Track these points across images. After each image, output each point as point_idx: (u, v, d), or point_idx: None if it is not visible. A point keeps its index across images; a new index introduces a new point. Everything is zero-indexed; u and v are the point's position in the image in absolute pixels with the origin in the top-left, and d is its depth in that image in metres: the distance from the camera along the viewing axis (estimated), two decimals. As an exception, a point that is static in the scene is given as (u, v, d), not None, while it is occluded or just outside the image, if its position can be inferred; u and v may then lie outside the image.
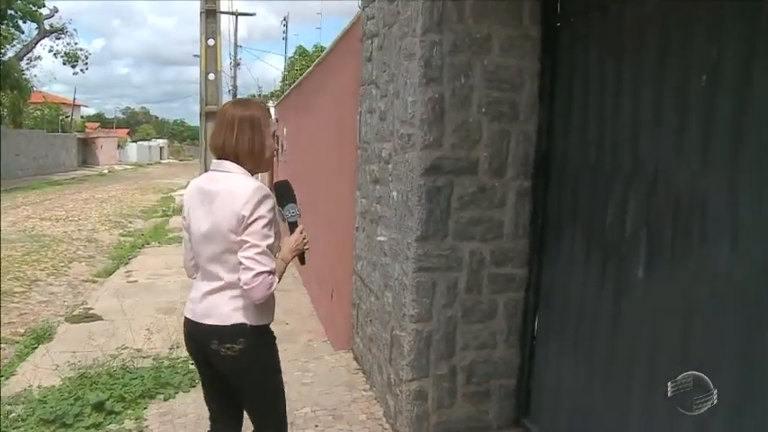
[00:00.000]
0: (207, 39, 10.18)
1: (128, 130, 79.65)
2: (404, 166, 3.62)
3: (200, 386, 4.82)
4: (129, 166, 53.23)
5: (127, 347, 5.62)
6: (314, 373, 4.98)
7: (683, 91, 2.47)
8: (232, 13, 30.26)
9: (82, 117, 65.80)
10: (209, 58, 10.30)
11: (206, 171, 9.16)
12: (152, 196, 26.24)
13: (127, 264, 10.87)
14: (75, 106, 56.22)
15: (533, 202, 3.60)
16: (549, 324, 3.57)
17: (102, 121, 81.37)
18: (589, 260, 3.14)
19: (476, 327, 3.63)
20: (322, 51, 9.63)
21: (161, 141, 79.49)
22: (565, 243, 3.38)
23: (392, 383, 3.87)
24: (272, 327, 2.70)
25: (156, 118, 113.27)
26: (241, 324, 2.50)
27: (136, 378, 4.82)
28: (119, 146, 60.38)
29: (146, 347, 5.67)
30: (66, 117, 51.60)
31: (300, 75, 11.19)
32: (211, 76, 10.36)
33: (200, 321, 2.57)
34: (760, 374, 2.11)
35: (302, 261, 2.81)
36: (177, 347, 5.72)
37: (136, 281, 9.36)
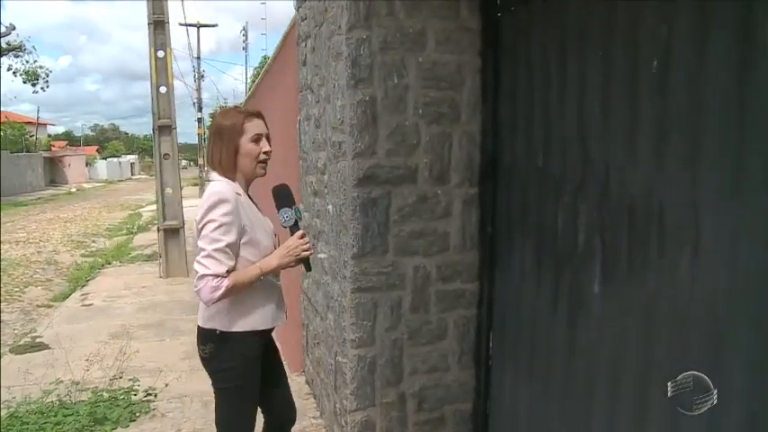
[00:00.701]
0: (156, 50, 9.83)
1: (96, 148, 78.78)
2: (336, 177, 3.30)
3: (140, 420, 4.55)
4: (98, 184, 52.44)
5: (62, 381, 5.23)
6: (264, 401, 4.63)
7: (632, 80, 2.19)
8: (193, 25, 29.79)
9: (49, 136, 65.12)
10: (160, 70, 9.95)
11: (161, 187, 8.78)
12: (119, 213, 25.69)
13: (84, 286, 10.49)
14: (39, 125, 55.41)
15: (481, 211, 3.30)
16: (503, 342, 3.27)
17: (70, 139, 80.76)
18: (541, 273, 2.84)
19: (425, 349, 3.31)
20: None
21: (131, 157, 78.91)
22: (516, 255, 3.08)
23: (338, 413, 3.55)
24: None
25: (126, 134, 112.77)
26: (212, 329, 2.59)
27: (71, 414, 4.52)
28: (87, 163, 59.57)
29: (87, 378, 5.29)
30: (31, 136, 50.74)
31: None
32: (162, 89, 9.99)
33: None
34: (729, 388, 1.84)
35: (307, 267, 2.77)
36: (120, 377, 5.37)
37: (91, 304, 9.01)
